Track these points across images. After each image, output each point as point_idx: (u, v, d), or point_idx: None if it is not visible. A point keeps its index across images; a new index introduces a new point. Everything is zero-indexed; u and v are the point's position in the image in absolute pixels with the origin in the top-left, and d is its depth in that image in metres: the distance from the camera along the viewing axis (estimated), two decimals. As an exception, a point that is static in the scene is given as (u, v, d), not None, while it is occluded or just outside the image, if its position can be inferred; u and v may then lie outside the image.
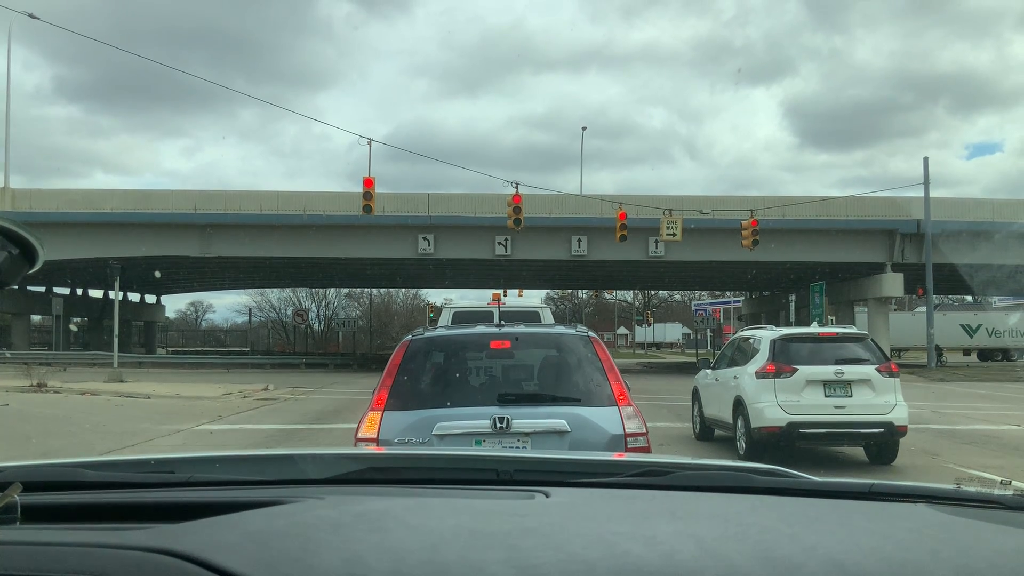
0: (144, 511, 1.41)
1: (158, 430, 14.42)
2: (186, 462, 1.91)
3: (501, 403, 5.21)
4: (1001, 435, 14.57)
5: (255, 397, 21.86)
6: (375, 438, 5.08)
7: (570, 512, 1.38)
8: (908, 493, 1.56)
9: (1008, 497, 1.50)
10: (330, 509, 1.33)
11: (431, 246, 36.64)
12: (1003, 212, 36.56)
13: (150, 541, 1.10)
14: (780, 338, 11.41)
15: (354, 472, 1.77)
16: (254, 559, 1.06)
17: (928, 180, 35.06)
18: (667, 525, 1.29)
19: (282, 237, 36.21)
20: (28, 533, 1.23)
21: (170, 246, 36.31)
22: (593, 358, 5.49)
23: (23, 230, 1.29)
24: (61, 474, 1.66)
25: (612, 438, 5.07)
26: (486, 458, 2.02)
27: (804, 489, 1.64)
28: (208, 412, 17.57)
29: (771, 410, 10.74)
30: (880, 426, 10.71)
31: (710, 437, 13.38)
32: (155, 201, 36.88)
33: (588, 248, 36.73)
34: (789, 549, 1.16)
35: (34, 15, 18.15)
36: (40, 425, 14.46)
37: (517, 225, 27.75)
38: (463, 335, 6.02)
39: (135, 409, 18.00)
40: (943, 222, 34.86)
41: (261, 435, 14.22)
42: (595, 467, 1.96)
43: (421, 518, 1.29)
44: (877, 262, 37.59)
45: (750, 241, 29.56)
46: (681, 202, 34.01)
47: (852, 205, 37.22)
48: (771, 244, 32.70)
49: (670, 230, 30.44)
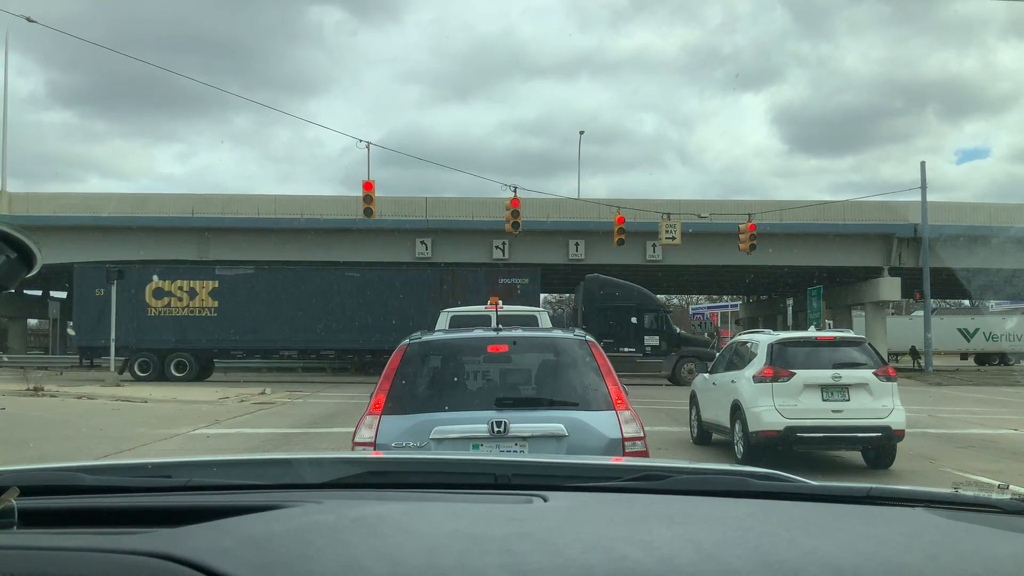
0: (142, 515, 1.40)
1: (155, 434, 14.40)
2: (183, 466, 1.90)
3: (499, 407, 5.20)
4: (998, 439, 14.58)
5: (252, 401, 21.83)
6: (372, 442, 5.08)
7: (568, 516, 1.38)
8: (906, 497, 1.56)
9: (1006, 501, 1.50)
10: (328, 514, 1.33)
11: (428, 250, 36.65)
12: (1000, 216, 36.66)
13: (148, 545, 1.09)
14: (778, 342, 11.41)
15: (352, 476, 1.76)
16: (252, 563, 1.05)
17: (925, 184, 35.16)
18: (665, 529, 1.28)
19: (279, 241, 36.21)
20: (26, 537, 1.23)
21: (167, 250, 36.28)
22: (591, 362, 5.49)
23: (21, 234, 1.29)
24: (58, 478, 1.66)
25: (610, 442, 5.07)
26: (484, 462, 2.01)
27: (802, 493, 1.64)
28: (205, 416, 17.54)
29: (769, 414, 10.74)
30: (877, 430, 10.71)
31: (708, 441, 13.38)
32: (152, 205, 36.89)
33: (586, 252, 36.75)
34: (787, 553, 1.16)
35: (31, 19, 18.15)
36: (37, 429, 14.43)
37: (516, 229, 27.75)
38: (461, 339, 6.02)
39: (132, 413, 17.97)
40: (940, 226, 34.94)
41: (258, 439, 14.19)
42: (593, 471, 1.96)
43: (419, 522, 1.29)
44: (874, 266, 37.66)
45: (748, 245, 29.58)
46: (679, 206, 34.08)
47: (849, 209, 37.30)
48: (769, 248, 32.75)
49: (669, 234, 30.46)
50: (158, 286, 30.74)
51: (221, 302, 30.63)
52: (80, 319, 31.94)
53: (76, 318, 32.82)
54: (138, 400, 20.94)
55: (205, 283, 30.82)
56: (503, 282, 30.95)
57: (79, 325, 32.05)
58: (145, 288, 30.63)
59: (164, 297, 30.71)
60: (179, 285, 30.84)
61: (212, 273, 31.17)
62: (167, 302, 30.69)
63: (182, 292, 30.77)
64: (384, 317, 29.26)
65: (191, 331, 30.36)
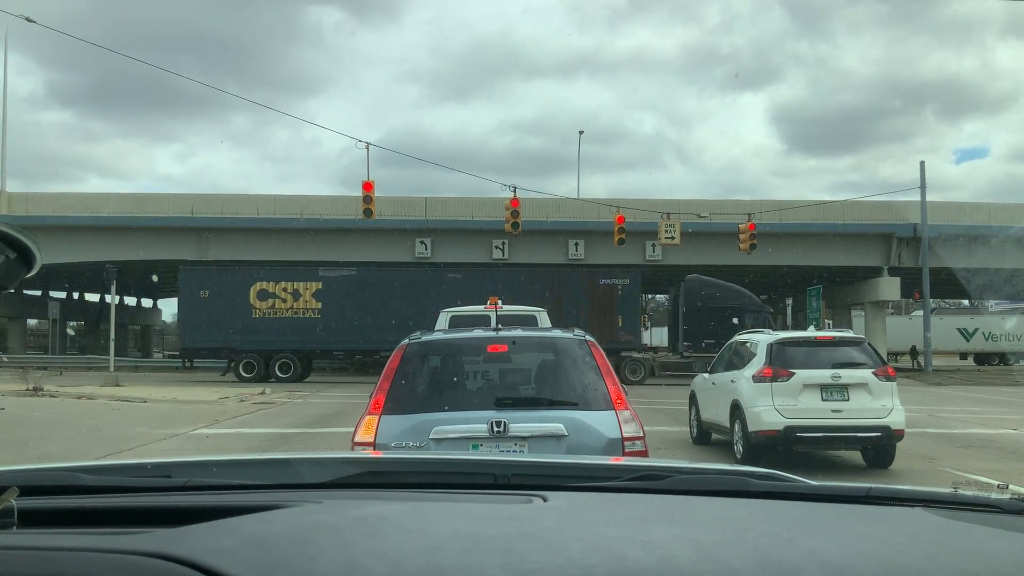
0: (141, 515, 1.40)
1: (154, 434, 14.39)
2: (183, 466, 1.90)
3: (498, 407, 5.20)
4: (998, 439, 14.59)
5: (252, 401, 21.83)
6: (372, 442, 5.07)
7: (568, 516, 1.38)
8: (905, 497, 1.56)
9: (1005, 501, 1.51)
10: (327, 514, 1.33)
11: (428, 250, 36.65)
12: (999, 216, 36.67)
13: (147, 545, 1.10)
14: (777, 342, 11.41)
15: (351, 476, 1.76)
16: (252, 563, 1.05)
17: (924, 184, 35.18)
18: (665, 529, 1.29)
19: (279, 240, 36.20)
20: (25, 537, 1.23)
21: (167, 250, 36.29)
22: (591, 361, 5.48)
23: (20, 234, 1.29)
24: (58, 478, 1.66)
25: (609, 442, 5.07)
26: (483, 462, 2.01)
27: (801, 493, 1.64)
28: (205, 416, 17.54)
29: (768, 414, 10.74)
30: (877, 430, 10.71)
31: (707, 441, 13.38)
32: (152, 205, 36.87)
33: (585, 252, 36.75)
34: (787, 553, 1.16)
35: (31, 19, 18.14)
36: (36, 429, 14.43)
37: (515, 229, 27.75)
38: (460, 339, 6.01)
39: (131, 413, 17.97)
40: (940, 226, 34.95)
41: (258, 439, 14.19)
42: (592, 471, 1.96)
43: (418, 522, 1.29)
44: (874, 266, 37.68)
45: (747, 245, 29.58)
46: (678, 206, 34.08)
47: (849, 209, 37.31)
48: (768, 248, 32.76)
49: (669, 234, 30.46)
50: (263, 287, 31.31)
51: (324, 303, 31.06)
52: (184, 320, 32.55)
53: (180, 320, 33.36)
54: (137, 400, 20.94)
55: (309, 284, 31.31)
56: (604, 283, 31.35)
57: (183, 326, 32.62)
58: (249, 290, 31.19)
59: (268, 299, 31.26)
60: (283, 287, 31.36)
61: (316, 274, 31.58)
62: (271, 303, 31.23)
63: (286, 293, 31.33)
64: None
65: (295, 332, 30.85)
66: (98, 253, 34.64)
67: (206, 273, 31.77)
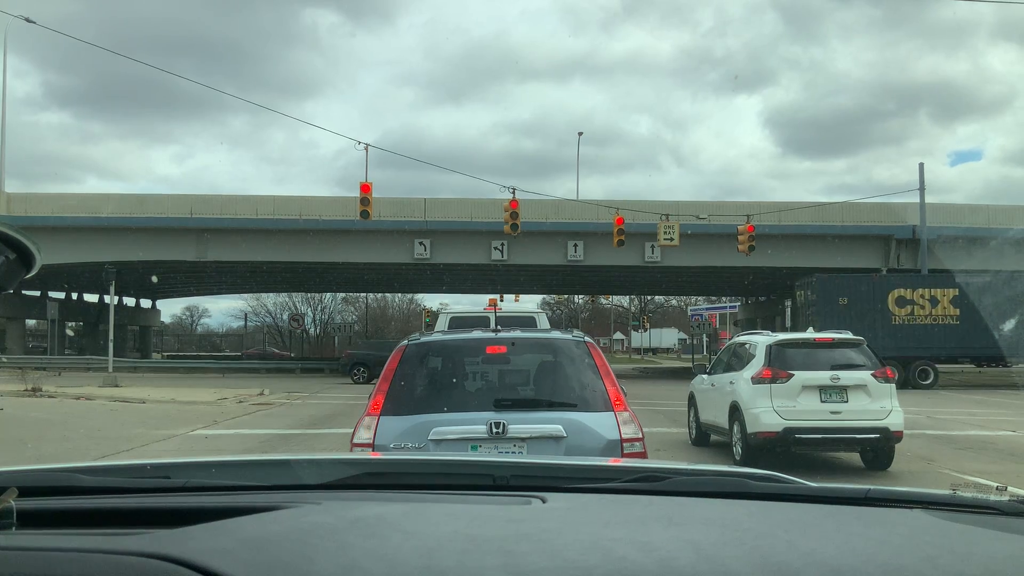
0: (140, 516, 1.40)
1: (153, 435, 14.39)
2: (182, 467, 1.90)
3: (497, 408, 5.20)
4: (997, 441, 14.59)
5: (250, 402, 21.83)
6: (371, 443, 5.07)
7: (566, 518, 1.38)
8: (904, 499, 1.56)
9: (1004, 503, 1.50)
10: (326, 515, 1.33)
11: (427, 251, 36.63)
12: (998, 218, 36.66)
13: (146, 546, 1.10)
14: (776, 343, 11.42)
15: (350, 477, 1.76)
16: (250, 564, 1.05)
17: (923, 186, 35.15)
18: (664, 531, 1.29)
19: (278, 241, 36.19)
20: (24, 538, 1.23)
21: (166, 250, 36.27)
22: (589, 363, 5.48)
23: (20, 234, 1.29)
24: (57, 479, 1.66)
25: (608, 443, 5.07)
26: (482, 463, 2.01)
27: (800, 495, 1.64)
28: (203, 417, 17.54)
29: (767, 415, 10.74)
30: (876, 431, 10.71)
31: (706, 442, 13.38)
32: (151, 205, 36.84)
33: (584, 253, 36.74)
34: (786, 555, 1.17)
35: (30, 20, 18.15)
36: (35, 430, 14.42)
37: (514, 230, 27.77)
38: (459, 340, 6.01)
39: (130, 414, 17.96)
40: (939, 228, 34.95)
41: (256, 440, 14.19)
42: (591, 472, 1.96)
43: (417, 524, 1.29)
44: (873, 267, 37.67)
45: (747, 246, 29.60)
46: (677, 207, 34.07)
47: (848, 211, 37.33)
48: (768, 249, 32.78)
49: (668, 235, 30.47)
50: (900, 294, 32.22)
51: (962, 310, 31.35)
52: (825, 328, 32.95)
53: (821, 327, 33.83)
54: (136, 401, 20.93)
55: (946, 291, 31.90)
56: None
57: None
58: (887, 296, 32.08)
59: (906, 305, 32.10)
60: (920, 293, 32.26)
61: (951, 281, 31.84)
62: (909, 310, 32.07)
63: (923, 300, 32.15)
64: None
65: (932, 339, 31.52)
66: (97, 253, 34.59)
67: (843, 280, 32.76)
